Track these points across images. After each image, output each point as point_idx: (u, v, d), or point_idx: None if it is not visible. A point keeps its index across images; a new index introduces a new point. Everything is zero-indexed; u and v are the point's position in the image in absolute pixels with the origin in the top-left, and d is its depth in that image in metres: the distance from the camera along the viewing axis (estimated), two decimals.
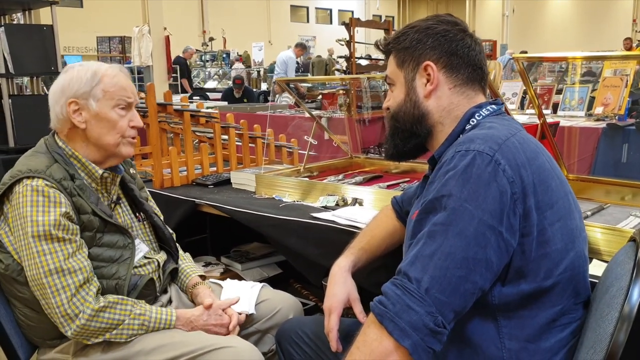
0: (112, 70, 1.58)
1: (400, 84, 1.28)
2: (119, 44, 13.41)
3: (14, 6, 4.35)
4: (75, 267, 1.43)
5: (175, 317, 1.57)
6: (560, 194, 1.12)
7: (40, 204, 1.43)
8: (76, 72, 1.55)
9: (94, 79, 1.54)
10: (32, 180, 1.45)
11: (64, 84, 1.55)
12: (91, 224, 1.52)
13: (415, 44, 1.24)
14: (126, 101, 1.58)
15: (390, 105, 1.31)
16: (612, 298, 0.99)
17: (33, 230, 1.41)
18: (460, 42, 1.23)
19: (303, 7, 26.95)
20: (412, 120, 1.26)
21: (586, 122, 4.21)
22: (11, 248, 1.48)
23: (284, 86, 3.24)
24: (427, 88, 1.23)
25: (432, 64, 1.22)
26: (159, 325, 1.54)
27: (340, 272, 1.40)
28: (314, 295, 2.60)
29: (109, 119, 1.55)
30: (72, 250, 1.44)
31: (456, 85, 1.23)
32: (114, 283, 1.53)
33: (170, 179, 2.58)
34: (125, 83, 1.59)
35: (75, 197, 1.50)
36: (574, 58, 1.95)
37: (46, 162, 1.51)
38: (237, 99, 8.51)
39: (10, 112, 3.87)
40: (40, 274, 1.41)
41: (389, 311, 1.02)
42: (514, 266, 1.07)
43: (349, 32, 5.15)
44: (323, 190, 2.19)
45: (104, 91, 1.54)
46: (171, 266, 1.76)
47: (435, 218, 1.06)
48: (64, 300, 1.42)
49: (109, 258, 1.54)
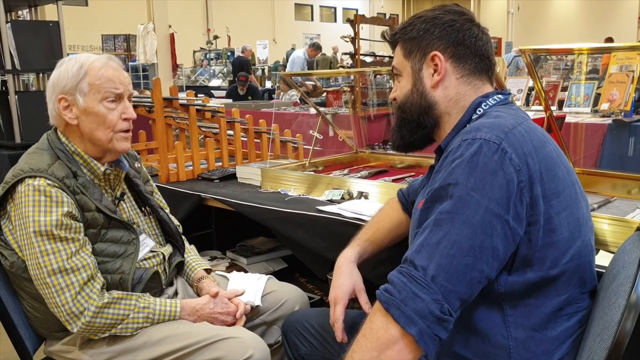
0: (98, 61, 1.52)
1: (407, 74, 1.28)
2: (124, 42, 13.44)
3: (20, 2, 4.37)
4: (79, 265, 1.43)
5: (180, 307, 1.58)
6: (567, 183, 1.12)
7: (42, 204, 1.42)
8: (64, 67, 1.52)
9: (80, 72, 1.50)
10: (34, 179, 1.43)
11: (54, 79, 1.53)
12: (95, 221, 1.51)
13: (422, 34, 1.24)
14: (114, 93, 1.52)
15: (397, 96, 1.30)
16: (619, 286, 0.98)
17: (35, 229, 1.41)
18: (468, 32, 1.22)
19: (307, 5, 26.92)
20: (419, 110, 1.26)
21: (592, 119, 4.20)
22: (15, 245, 1.48)
23: (290, 81, 3.24)
24: (435, 78, 1.23)
25: (440, 54, 1.22)
26: (163, 317, 1.55)
27: (346, 263, 1.40)
28: (319, 290, 2.61)
29: (97, 113, 1.51)
30: (75, 248, 1.44)
31: (463, 75, 1.23)
32: (118, 277, 1.53)
33: (176, 173, 2.58)
34: (113, 74, 1.53)
35: (78, 194, 1.49)
36: (580, 49, 1.95)
37: (48, 160, 1.50)
38: (241, 96, 8.51)
39: (17, 108, 3.89)
40: (44, 274, 1.42)
41: (395, 299, 1.02)
42: (520, 255, 1.07)
43: (354, 28, 5.13)
44: (329, 184, 2.19)
45: (90, 85, 1.50)
46: (177, 259, 1.76)
47: (441, 206, 1.06)
48: (68, 299, 1.42)
49: (113, 253, 1.54)
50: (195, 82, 13.88)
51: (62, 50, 4.09)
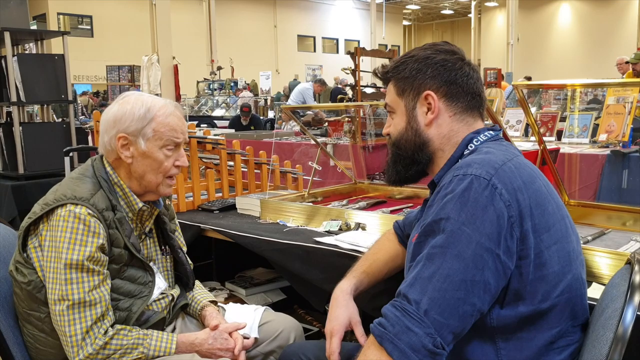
0: (165, 109, 1.56)
1: (400, 112, 1.31)
2: (128, 72, 13.57)
3: (27, 36, 4.47)
4: (97, 300, 1.44)
5: (176, 344, 1.55)
6: (557, 217, 1.14)
7: (80, 232, 1.43)
8: (130, 106, 1.54)
9: (147, 116, 1.53)
10: (75, 206, 1.45)
11: (116, 115, 1.55)
12: (121, 257, 1.53)
13: (415, 74, 1.27)
14: (175, 142, 1.57)
15: (391, 132, 1.34)
16: (607, 319, 1.00)
17: (67, 257, 1.42)
18: (459, 71, 1.26)
19: (310, 37, 27.35)
20: (413, 147, 1.29)
21: (590, 149, 4.23)
22: (37, 264, 1.48)
23: (289, 114, 3.29)
24: (428, 117, 1.26)
25: (433, 93, 1.25)
26: (158, 353, 1.52)
27: (342, 295, 1.41)
28: (317, 321, 2.60)
29: (155, 159, 1.55)
30: (98, 282, 1.45)
31: (456, 113, 1.26)
32: (125, 315, 1.54)
33: (176, 204, 2.61)
34: (177, 123, 1.57)
35: (112, 229, 1.50)
36: (573, 85, 1.98)
37: (91, 188, 1.51)
38: (244, 126, 8.59)
39: (21, 139, 3.94)
40: (63, 302, 1.43)
41: (388, 332, 1.04)
42: (511, 288, 1.09)
43: (354, 61, 5.21)
44: (327, 215, 2.22)
45: (154, 131, 1.53)
46: (182, 301, 1.75)
47: (433, 241, 1.08)
48: (77, 331, 1.43)
49: (128, 292, 1.55)
50: (199, 112, 13.99)
51: (67, 82, 4.16)
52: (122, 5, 20.36)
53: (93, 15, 20.33)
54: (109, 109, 1.58)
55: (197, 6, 19.36)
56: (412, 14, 32.20)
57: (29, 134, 3.99)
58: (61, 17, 19.70)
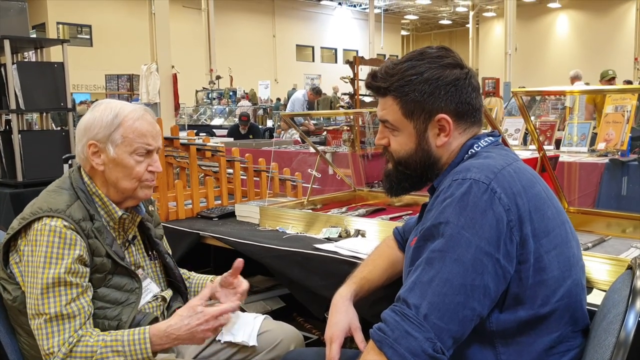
0: (134, 113, 1.52)
1: (408, 133, 1.25)
2: (127, 81, 13.62)
3: (26, 44, 4.48)
4: (75, 312, 1.42)
5: (149, 334, 1.43)
6: (557, 222, 1.14)
7: (56, 246, 1.41)
8: (99, 113, 1.51)
9: (114, 122, 1.49)
10: (51, 219, 1.43)
11: (87, 123, 1.53)
12: (103, 266, 1.50)
13: (426, 97, 1.20)
14: (145, 149, 1.53)
15: (395, 150, 1.28)
16: (609, 324, 1.00)
17: (44, 273, 1.40)
18: (469, 88, 1.23)
19: (309, 47, 27.47)
20: (423, 167, 1.26)
21: (589, 158, 4.23)
22: (20, 279, 1.47)
23: (289, 121, 3.30)
24: (441, 139, 1.23)
25: (447, 117, 1.21)
26: (134, 347, 1.42)
27: (342, 301, 1.41)
28: (316, 329, 2.59)
29: (125, 165, 1.51)
30: (76, 294, 1.43)
31: (466, 128, 1.25)
32: (115, 324, 1.51)
33: (175, 211, 2.61)
34: (146, 128, 1.53)
35: (91, 239, 1.48)
36: (571, 92, 1.99)
37: (67, 200, 1.49)
38: (243, 135, 8.60)
39: (20, 147, 3.94)
40: (41, 316, 1.41)
41: (388, 337, 1.03)
42: (511, 293, 1.08)
43: (353, 70, 5.24)
44: (326, 222, 2.21)
45: (123, 137, 1.50)
46: (177, 304, 1.73)
47: (433, 245, 1.08)
48: (54, 344, 1.40)
49: (114, 300, 1.53)
50: (197, 121, 14.02)
51: (67, 90, 4.17)
52: (121, 14, 20.45)
53: (92, 25, 20.41)
54: (83, 118, 1.56)
55: (197, 16, 19.43)
56: (410, 24, 32.36)
57: (28, 141, 3.99)
58: (60, 26, 19.77)
